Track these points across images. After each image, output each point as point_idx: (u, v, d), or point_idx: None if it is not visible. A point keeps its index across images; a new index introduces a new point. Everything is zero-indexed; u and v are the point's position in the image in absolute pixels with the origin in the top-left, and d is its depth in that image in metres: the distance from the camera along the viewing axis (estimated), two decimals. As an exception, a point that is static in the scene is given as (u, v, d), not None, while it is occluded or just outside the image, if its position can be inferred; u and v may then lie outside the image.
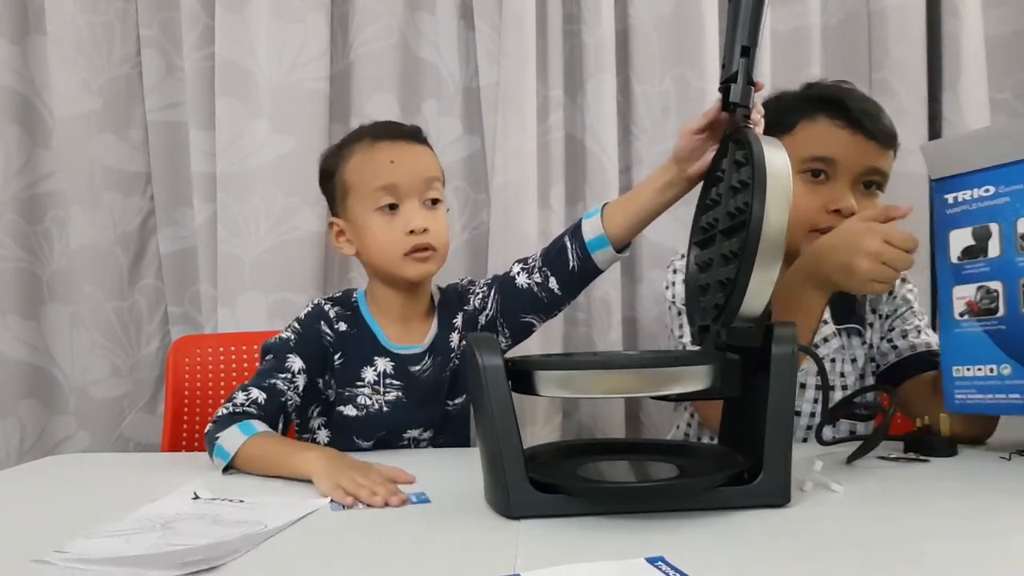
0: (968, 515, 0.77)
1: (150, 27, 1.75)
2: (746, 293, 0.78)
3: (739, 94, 0.90)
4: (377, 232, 1.18)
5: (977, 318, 0.99)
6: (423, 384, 1.21)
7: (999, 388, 0.97)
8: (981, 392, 0.99)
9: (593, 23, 1.67)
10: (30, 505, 0.92)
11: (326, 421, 1.21)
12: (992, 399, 0.98)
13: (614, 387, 0.81)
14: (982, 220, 0.98)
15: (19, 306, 1.74)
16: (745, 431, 0.84)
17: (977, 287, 0.98)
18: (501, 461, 0.77)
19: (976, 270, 0.99)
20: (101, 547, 0.70)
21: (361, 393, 1.19)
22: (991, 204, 0.97)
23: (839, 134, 1.17)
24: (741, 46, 0.89)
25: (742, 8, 0.89)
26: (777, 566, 0.65)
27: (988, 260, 0.98)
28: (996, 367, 0.97)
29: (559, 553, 0.68)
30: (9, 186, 1.73)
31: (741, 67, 0.89)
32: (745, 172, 0.82)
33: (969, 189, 0.99)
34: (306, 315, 1.21)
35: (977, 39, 1.66)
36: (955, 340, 1.01)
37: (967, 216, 0.99)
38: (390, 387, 1.20)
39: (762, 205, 0.77)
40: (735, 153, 0.87)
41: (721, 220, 0.87)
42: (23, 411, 1.74)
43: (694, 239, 0.94)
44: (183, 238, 1.80)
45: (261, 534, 0.73)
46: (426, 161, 1.22)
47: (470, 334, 0.83)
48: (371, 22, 1.70)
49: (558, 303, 1.22)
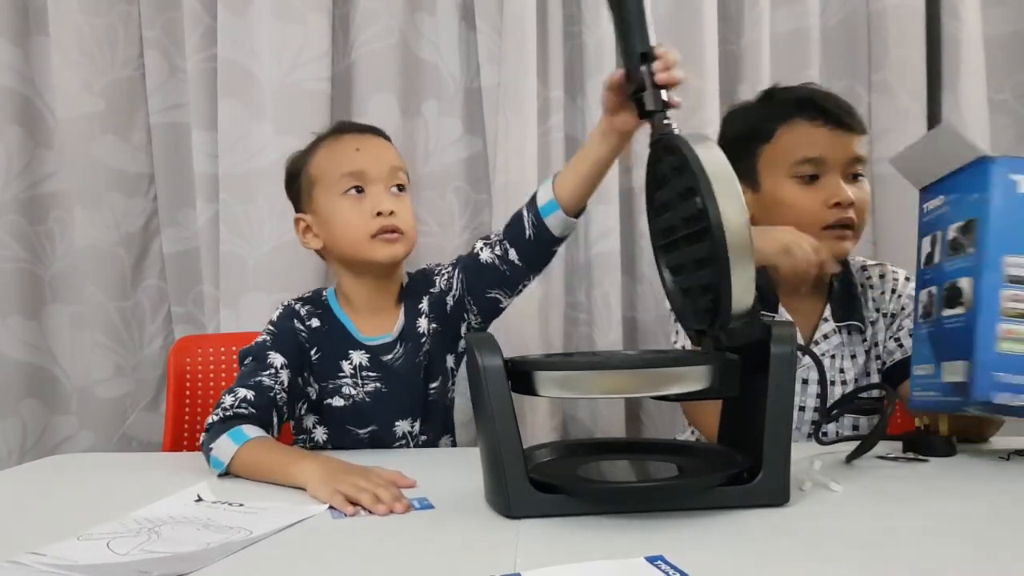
0: (967, 515, 0.78)
1: (152, 29, 1.76)
2: (732, 297, 0.78)
3: (652, 101, 0.90)
4: (345, 214, 1.20)
5: (924, 321, 1.04)
6: (399, 372, 1.22)
7: (931, 386, 1.01)
8: (923, 389, 1.03)
9: (593, 24, 1.67)
10: (30, 504, 0.92)
11: (319, 419, 1.22)
12: (928, 397, 1.02)
13: (613, 387, 0.82)
14: (935, 229, 1.03)
15: (21, 306, 1.75)
16: (744, 431, 0.84)
17: (927, 292, 1.04)
18: (501, 461, 0.77)
19: (927, 276, 1.04)
20: (79, 550, 0.69)
21: (344, 383, 1.20)
22: (940, 213, 1.02)
23: (820, 132, 1.21)
24: (639, 53, 0.89)
25: (630, 15, 0.89)
26: (776, 565, 0.65)
27: (933, 267, 1.03)
28: (930, 367, 1.01)
29: (559, 552, 0.68)
30: (11, 187, 1.73)
31: (646, 75, 0.89)
32: (687, 178, 0.80)
33: (933, 198, 1.04)
34: (278, 316, 1.23)
35: (976, 40, 1.66)
36: (916, 341, 1.07)
37: (929, 225, 1.05)
38: (368, 379, 1.21)
39: (717, 211, 0.76)
40: (668, 159, 0.86)
41: (679, 226, 0.86)
42: (24, 411, 1.75)
43: (657, 243, 0.94)
44: (186, 239, 1.81)
45: (239, 542, 0.71)
46: (391, 152, 1.26)
47: (469, 334, 0.83)
48: (372, 23, 1.71)
49: (520, 276, 1.20)
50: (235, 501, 0.87)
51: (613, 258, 1.69)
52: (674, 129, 0.87)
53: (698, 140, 0.81)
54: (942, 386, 0.98)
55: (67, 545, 0.71)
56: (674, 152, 0.83)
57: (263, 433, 1.03)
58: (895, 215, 1.67)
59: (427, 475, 0.96)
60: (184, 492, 0.90)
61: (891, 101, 1.67)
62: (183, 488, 0.92)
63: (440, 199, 1.75)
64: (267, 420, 1.08)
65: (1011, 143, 1.70)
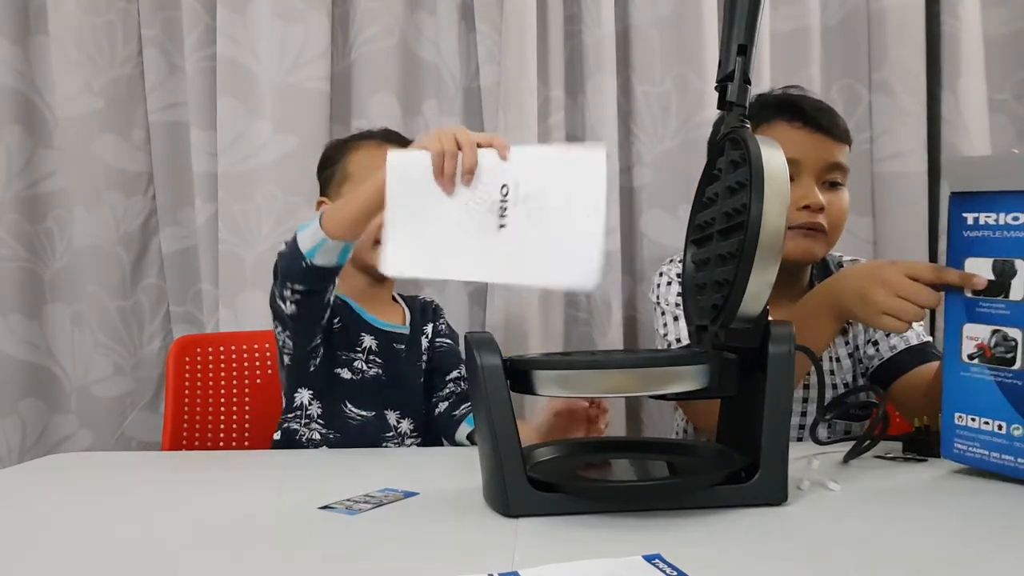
0: (964, 514, 0.78)
1: (151, 27, 1.76)
2: (744, 295, 0.78)
3: (735, 93, 0.90)
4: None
5: (989, 365, 0.86)
6: (402, 366, 1.28)
7: (1007, 448, 0.85)
8: (985, 448, 0.87)
9: (593, 23, 1.67)
10: (30, 504, 0.93)
11: (314, 394, 1.23)
12: (997, 458, 0.86)
13: (612, 386, 0.82)
14: (1007, 252, 0.84)
15: (21, 305, 1.75)
16: (742, 430, 0.84)
17: (993, 330, 0.85)
18: (500, 460, 0.77)
19: (993, 311, 0.85)
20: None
21: (358, 358, 1.25)
22: (1019, 236, 0.83)
23: (798, 134, 1.21)
24: (738, 44, 0.89)
25: (738, 6, 0.89)
26: (774, 564, 0.65)
27: (1009, 303, 0.84)
28: (1006, 425, 0.85)
29: (557, 551, 0.68)
30: (11, 186, 1.74)
31: (738, 65, 0.89)
32: (742, 173, 0.82)
33: (994, 212, 0.84)
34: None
35: (976, 39, 1.66)
36: (961, 384, 0.88)
37: (988, 244, 0.85)
38: (373, 364, 1.26)
39: (760, 207, 0.77)
40: (731, 153, 0.87)
41: (718, 220, 0.87)
42: (24, 410, 1.75)
43: (691, 237, 0.94)
44: (185, 238, 1.81)
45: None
46: None
47: (468, 333, 0.83)
48: (372, 22, 1.71)
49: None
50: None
51: (613, 258, 1.69)
52: (746, 127, 0.87)
53: (767, 141, 0.82)
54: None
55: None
56: (739, 146, 0.84)
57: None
58: (894, 215, 1.67)
59: (426, 473, 0.96)
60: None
61: (891, 100, 1.67)
62: (182, 487, 0.92)
63: (440, 199, 1.75)
64: (323, 306, 1.15)
65: (1010, 143, 1.70)
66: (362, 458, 1.12)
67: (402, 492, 0.87)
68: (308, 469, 1.06)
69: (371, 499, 0.86)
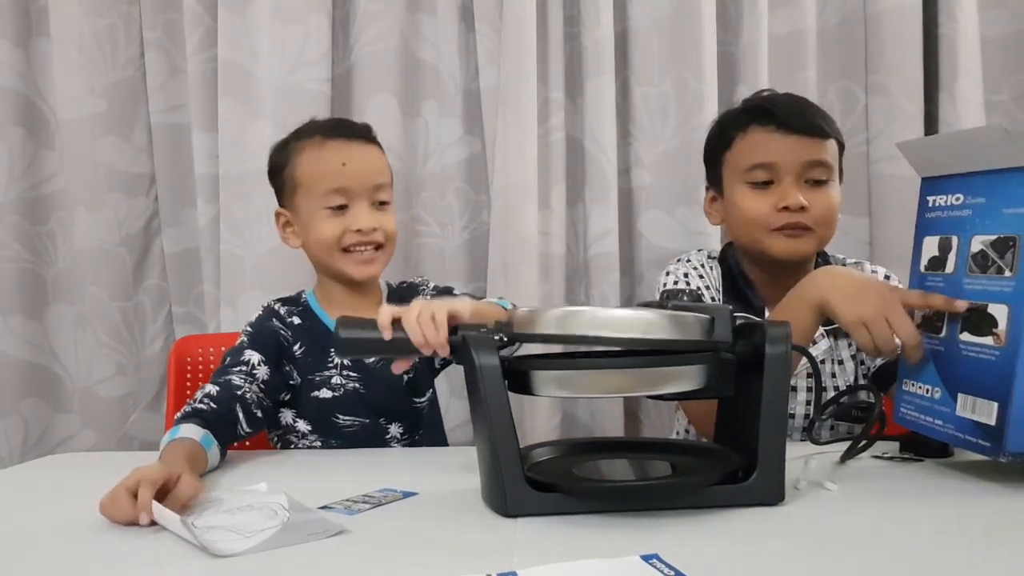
0: (962, 514, 0.78)
1: (153, 29, 1.76)
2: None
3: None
4: (323, 224, 1.22)
5: (925, 334, 0.93)
6: (380, 376, 1.23)
7: (933, 411, 0.91)
8: (918, 411, 0.94)
9: (593, 25, 1.68)
10: (31, 504, 0.93)
11: (298, 412, 1.23)
12: (928, 421, 0.92)
13: (610, 387, 0.83)
14: (948, 230, 0.91)
15: (23, 306, 1.75)
16: (740, 430, 0.85)
17: None
18: (498, 460, 0.78)
19: (934, 284, 0.93)
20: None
21: (334, 375, 1.22)
22: (957, 215, 0.90)
23: (771, 138, 1.22)
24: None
25: None
26: (771, 564, 0.66)
27: (944, 275, 0.91)
28: (930, 388, 0.92)
29: (555, 551, 0.69)
30: (13, 187, 1.74)
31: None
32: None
33: (945, 194, 0.92)
34: (257, 317, 1.25)
35: (973, 41, 1.66)
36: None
37: (939, 224, 0.93)
38: (349, 378, 1.23)
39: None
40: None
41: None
42: (26, 410, 1.76)
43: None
44: (187, 239, 1.81)
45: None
46: (377, 164, 1.26)
47: (467, 333, 0.83)
48: (372, 23, 1.71)
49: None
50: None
51: (612, 258, 1.70)
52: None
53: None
54: (956, 419, 0.88)
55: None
56: None
57: (191, 436, 1.01)
58: (893, 215, 1.67)
59: (424, 474, 0.96)
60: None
61: (888, 102, 1.68)
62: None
63: (440, 200, 1.76)
64: (228, 416, 1.09)
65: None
66: (361, 458, 1.13)
67: (401, 492, 0.88)
68: (307, 469, 1.06)
69: (370, 499, 0.86)
